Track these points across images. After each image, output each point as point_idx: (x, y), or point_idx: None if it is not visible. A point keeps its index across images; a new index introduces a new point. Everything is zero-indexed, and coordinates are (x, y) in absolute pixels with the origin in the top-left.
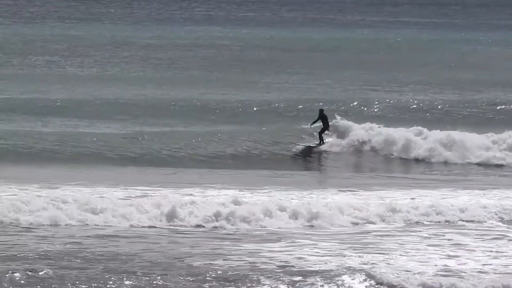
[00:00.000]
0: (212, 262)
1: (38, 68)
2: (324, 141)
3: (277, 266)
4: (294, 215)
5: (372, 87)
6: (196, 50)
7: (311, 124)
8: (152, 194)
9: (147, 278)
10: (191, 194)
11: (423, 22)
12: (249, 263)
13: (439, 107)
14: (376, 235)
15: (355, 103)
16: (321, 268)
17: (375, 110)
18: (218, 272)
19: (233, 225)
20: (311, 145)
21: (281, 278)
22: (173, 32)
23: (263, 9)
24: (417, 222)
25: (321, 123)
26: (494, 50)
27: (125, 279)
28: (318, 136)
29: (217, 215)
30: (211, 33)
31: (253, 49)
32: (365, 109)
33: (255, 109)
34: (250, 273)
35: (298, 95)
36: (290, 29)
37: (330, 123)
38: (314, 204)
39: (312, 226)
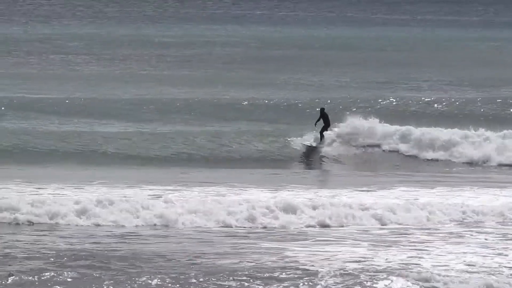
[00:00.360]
0: None
1: (55, 67)
2: (323, 139)
3: None
4: None
5: (391, 85)
6: (214, 48)
7: (315, 124)
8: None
9: None
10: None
11: (440, 20)
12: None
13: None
14: None
15: (373, 101)
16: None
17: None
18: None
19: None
20: (313, 145)
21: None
22: (190, 31)
23: (279, 7)
24: None
25: (323, 122)
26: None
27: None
28: (319, 135)
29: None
30: (227, 32)
31: (270, 47)
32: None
33: (268, 107)
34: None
35: (314, 93)
36: (307, 27)
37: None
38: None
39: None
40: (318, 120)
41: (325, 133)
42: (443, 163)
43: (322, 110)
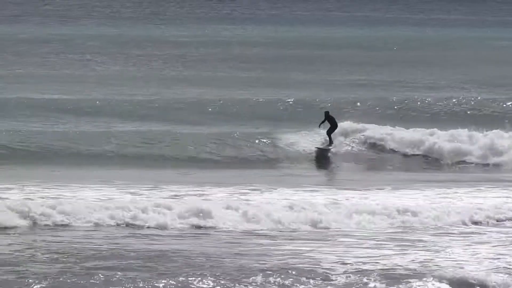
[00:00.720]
0: None
1: (74, 68)
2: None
3: None
4: None
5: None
6: (231, 47)
7: (319, 126)
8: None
9: None
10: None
11: (454, 19)
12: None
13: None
14: None
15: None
16: None
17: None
18: None
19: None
20: (322, 147)
21: None
22: (205, 31)
23: (291, 6)
24: None
25: (329, 124)
26: None
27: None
28: (328, 138)
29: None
30: (243, 31)
31: (285, 47)
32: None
33: (282, 107)
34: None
35: (329, 93)
36: (324, 27)
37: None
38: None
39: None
40: (322, 122)
41: (332, 134)
42: None
43: (327, 113)
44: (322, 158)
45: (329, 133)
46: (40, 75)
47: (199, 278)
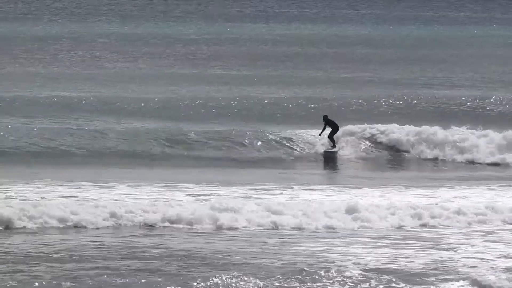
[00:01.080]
0: None
1: (87, 66)
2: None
3: None
4: None
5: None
6: (242, 45)
7: (319, 134)
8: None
9: None
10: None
11: (466, 16)
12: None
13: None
14: None
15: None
16: None
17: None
18: None
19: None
20: (328, 150)
21: None
22: (216, 28)
23: (300, 4)
24: None
25: (330, 128)
26: None
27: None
28: (331, 141)
29: None
30: (260, 30)
31: (297, 45)
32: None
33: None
34: None
35: (341, 92)
36: (333, 25)
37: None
38: None
39: None
40: (323, 130)
41: (335, 136)
42: None
43: (325, 117)
44: (330, 159)
45: (331, 136)
46: (51, 73)
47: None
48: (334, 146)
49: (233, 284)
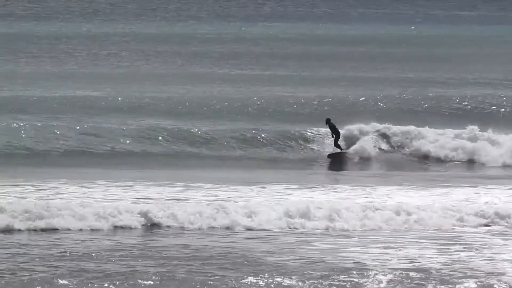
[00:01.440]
0: None
1: (102, 65)
2: (342, 148)
3: None
4: None
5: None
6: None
7: (335, 144)
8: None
9: None
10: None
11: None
12: None
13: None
14: None
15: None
16: None
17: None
18: None
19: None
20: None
21: None
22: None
23: (316, 3)
24: None
25: (333, 134)
26: None
27: None
28: (335, 147)
29: None
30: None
31: (313, 44)
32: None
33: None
34: None
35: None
36: (349, 25)
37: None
38: None
39: None
40: (333, 135)
41: (341, 143)
42: None
43: (328, 121)
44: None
45: (335, 142)
46: (66, 72)
47: None
48: (341, 149)
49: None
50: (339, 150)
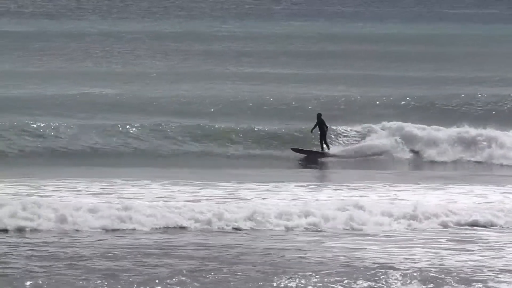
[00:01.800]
0: None
1: (113, 64)
2: (329, 146)
3: None
4: None
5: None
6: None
7: (311, 131)
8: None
9: None
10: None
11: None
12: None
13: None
14: None
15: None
16: None
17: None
18: None
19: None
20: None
21: None
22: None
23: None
24: None
25: (319, 129)
26: None
27: None
28: (325, 145)
29: None
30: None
31: (328, 42)
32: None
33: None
34: None
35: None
36: (367, 23)
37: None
38: None
39: None
40: (314, 127)
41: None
42: None
43: (319, 116)
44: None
45: (322, 139)
46: (79, 71)
47: None
48: (328, 147)
49: None
50: (321, 149)
